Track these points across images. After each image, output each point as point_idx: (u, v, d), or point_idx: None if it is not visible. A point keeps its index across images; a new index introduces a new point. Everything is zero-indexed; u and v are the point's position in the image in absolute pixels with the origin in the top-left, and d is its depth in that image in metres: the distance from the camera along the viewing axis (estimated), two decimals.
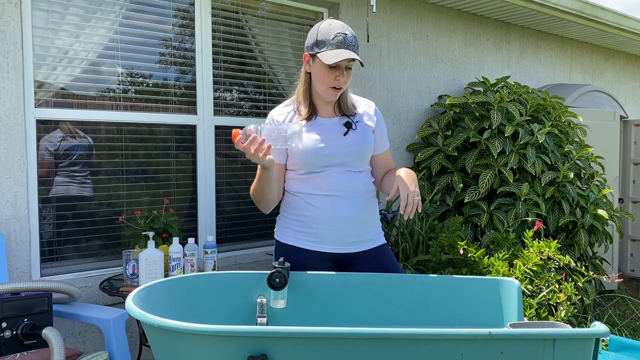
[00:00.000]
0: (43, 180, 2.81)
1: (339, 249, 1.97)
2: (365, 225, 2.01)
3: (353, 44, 1.91)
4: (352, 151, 1.96)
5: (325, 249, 1.96)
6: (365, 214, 2.00)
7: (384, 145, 2.10)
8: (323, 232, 1.94)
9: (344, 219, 1.94)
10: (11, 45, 2.61)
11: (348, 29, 1.92)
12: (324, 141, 1.95)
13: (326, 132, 1.97)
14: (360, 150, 1.98)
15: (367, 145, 2.01)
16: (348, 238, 1.96)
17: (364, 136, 2.00)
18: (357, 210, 1.97)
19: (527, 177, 3.88)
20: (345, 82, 1.94)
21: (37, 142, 2.77)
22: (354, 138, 1.98)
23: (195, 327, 1.25)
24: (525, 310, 2.78)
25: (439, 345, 1.29)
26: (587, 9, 4.73)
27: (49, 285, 2.18)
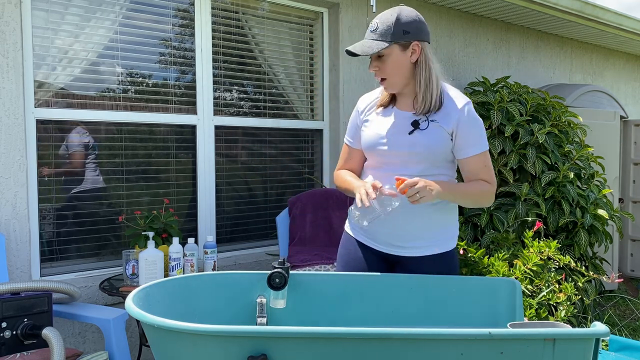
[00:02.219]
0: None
1: (388, 249, 1.95)
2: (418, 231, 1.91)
3: (374, 30, 1.82)
4: (413, 152, 1.85)
5: (377, 247, 1.97)
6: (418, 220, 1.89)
7: (468, 151, 1.86)
8: (373, 232, 1.95)
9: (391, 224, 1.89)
10: (11, 45, 2.61)
11: (381, 16, 1.84)
12: (385, 136, 1.89)
13: (393, 126, 1.89)
14: (422, 153, 1.84)
15: (432, 149, 1.84)
16: (395, 242, 1.94)
17: (432, 139, 1.84)
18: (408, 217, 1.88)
19: (527, 177, 3.88)
20: (381, 70, 1.85)
21: (37, 142, 2.77)
22: (418, 139, 1.85)
23: (195, 327, 1.25)
24: (525, 310, 2.78)
25: (439, 345, 1.29)
26: (587, 9, 4.73)
27: (49, 285, 2.18)
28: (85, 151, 2.95)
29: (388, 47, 1.79)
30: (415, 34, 1.81)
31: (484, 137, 1.89)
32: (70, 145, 2.92)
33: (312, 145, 3.89)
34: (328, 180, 3.89)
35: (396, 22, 1.79)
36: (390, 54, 1.82)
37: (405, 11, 1.83)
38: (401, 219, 1.89)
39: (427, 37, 1.86)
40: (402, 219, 1.89)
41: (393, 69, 1.83)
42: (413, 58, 1.83)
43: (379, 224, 1.89)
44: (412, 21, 1.81)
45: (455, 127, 1.84)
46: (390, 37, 1.79)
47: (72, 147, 2.92)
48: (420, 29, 1.83)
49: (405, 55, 1.82)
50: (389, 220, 1.85)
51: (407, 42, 1.80)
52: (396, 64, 1.83)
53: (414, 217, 1.89)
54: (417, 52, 1.83)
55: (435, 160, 1.87)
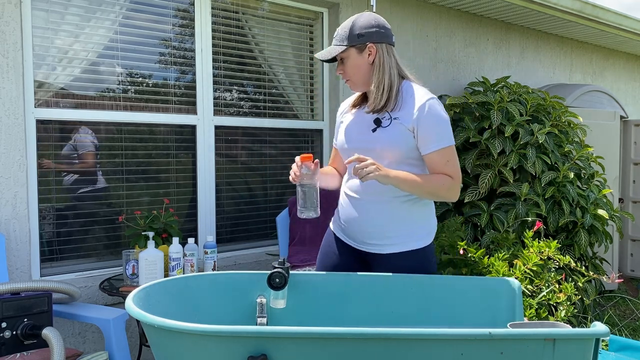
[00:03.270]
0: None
1: (358, 246, 2.03)
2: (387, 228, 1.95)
3: (335, 37, 1.95)
4: (374, 149, 1.91)
5: (350, 243, 2.06)
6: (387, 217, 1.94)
7: (429, 147, 1.89)
8: (344, 227, 2.06)
9: (352, 219, 2.00)
10: (11, 45, 2.61)
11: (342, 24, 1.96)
12: (352, 134, 2.00)
13: (359, 125, 1.99)
14: (383, 149, 1.90)
15: (391, 144, 1.89)
16: (365, 239, 2.00)
17: (392, 136, 1.90)
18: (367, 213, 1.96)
19: (527, 177, 3.88)
20: (345, 72, 1.96)
21: (37, 142, 2.77)
22: (380, 136, 1.91)
23: (195, 327, 1.25)
24: (525, 310, 2.78)
25: (439, 345, 1.29)
26: (587, 9, 4.73)
27: (49, 285, 2.18)
28: (90, 151, 2.95)
29: (345, 51, 1.92)
30: (369, 37, 1.91)
31: (446, 133, 1.91)
32: (78, 145, 2.92)
33: (312, 145, 3.89)
34: None
35: (352, 27, 1.92)
36: (348, 56, 1.93)
37: (363, 17, 1.95)
38: (370, 216, 1.96)
39: (386, 39, 1.95)
40: (371, 216, 1.96)
41: (352, 70, 1.95)
42: (370, 59, 1.93)
43: (351, 221, 2.00)
44: (368, 25, 1.92)
45: (415, 124, 1.88)
46: (346, 41, 1.92)
47: (80, 147, 2.92)
48: (376, 32, 1.93)
49: (363, 57, 1.93)
50: (358, 217, 1.97)
51: (363, 44, 1.91)
52: (354, 65, 1.94)
53: (382, 213, 1.95)
54: (373, 54, 1.93)
55: (400, 157, 1.91)
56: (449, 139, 1.91)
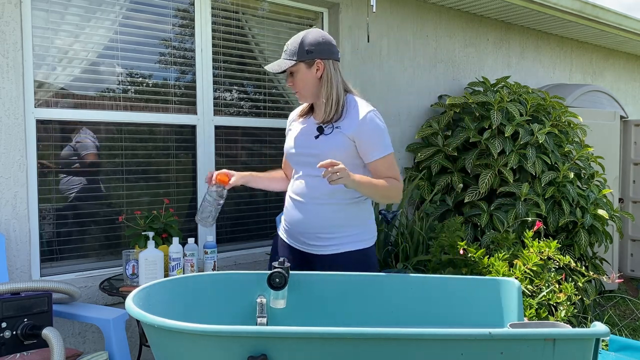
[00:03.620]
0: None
1: (300, 246, 2.16)
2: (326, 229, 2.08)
3: (285, 51, 2.08)
4: (316, 154, 2.04)
5: (294, 245, 2.18)
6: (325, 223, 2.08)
7: (371, 155, 2.05)
8: (288, 229, 2.19)
9: (296, 222, 2.13)
10: (11, 45, 2.61)
11: (292, 38, 2.09)
12: (298, 141, 2.16)
13: (304, 132, 2.15)
14: (323, 154, 2.01)
15: (331, 150, 2.02)
16: (306, 240, 2.13)
17: (333, 143, 2.05)
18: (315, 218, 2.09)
19: (527, 177, 3.88)
20: (294, 85, 2.10)
21: (37, 142, 2.77)
22: (321, 143, 2.07)
23: (195, 327, 1.25)
24: (525, 310, 2.78)
25: (439, 345, 1.29)
26: (587, 9, 4.73)
27: (49, 285, 2.18)
28: (90, 152, 2.95)
29: (295, 65, 2.05)
30: (318, 53, 2.05)
31: (386, 141, 2.07)
32: (78, 145, 2.92)
33: None
34: None
35: (301, 43, 2.05)
36: (297, 70, 2.07)
37: (311, 33, 2.07)
38: (312, 218, 2.09)
39: (332, 55, 2.08)
40: (313, 218, 2.09)
41: (301, 83, 2.08)
42: (318, 74, 2.07)
43: (295, 224, 2.13)
44: (316, 42, 2.05)
45: (355, 134, 2.03)
46: (296, 56, 2.05)
47: (80, 147, 2.92)
48: (323, 48, 2.06)
49: (311, 72, 2.06)
50: (302, 219, 2.10)
51: (311, 60, 2.05)
52: (303, 79, 2.07)
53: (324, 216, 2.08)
54: (321, 69, 2.06)
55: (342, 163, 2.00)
56: (388, 146, 2.08)
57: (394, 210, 3.64)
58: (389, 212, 3.50)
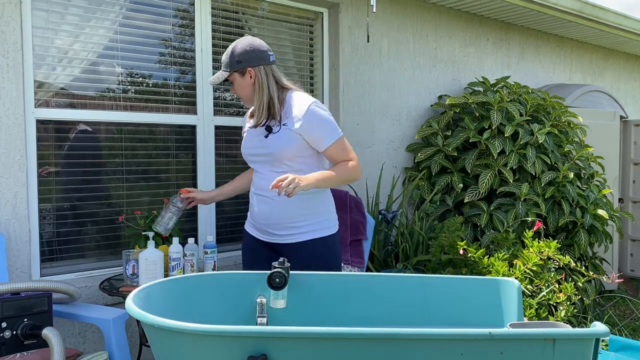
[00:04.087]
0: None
1: (267, 238, 2.31)
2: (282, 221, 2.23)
3: (222, 62, 2.25)
4: (269, 152, 2.21)
5: (260, 237, 2.34)
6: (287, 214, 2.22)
7: (322, 145, 2.20)
8: (255, 223, 2.34)
9: (262, 215, 2.28)
10: (11, 45, 2.61)
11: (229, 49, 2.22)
12: (250, 142, 2.31)
13: (255, 134, 2.29)
14: (275, 152, 2.18)
15: (282, 147, 2.17)
16: (272, 231, 2.27)
17: (282, 139, 2.18)
18: (278, 210, 2.23)
19: (527, 177, 3.88)
20: (236, 91, 2.26)
21: (37, 142, 2.77)
22: (271, 141, 2.21)
23: (195, 327, 1.25)
24: (525, 310, 2.78)
25: (439, 345, 1.29)
26: (587, 9, 4.73)
27: (49, 285, 2.18)
28: (90, 152, 2.95)
29: (230, 75, 2.22)
30: (247, 62, 2.19)
31: (332, 128, 2.21)
32: (79, 145, 2.92)
33: None
34: None
35: (231, 54, 2.20)
36: (234, 80, 2.24)
37: (240, 43, 2.21)
38: (276, 210, 2.23)
39: (262, 61, 2.21)
40: (277, 210, 2.23)
41: (240, 91, 2.25)
42: (251, 81, 2.21)
43: (261, 217, 2.28)
44: (244, 52, 2.19)
45: (301, 128, 2.17)
46: (229, 67, 2.21)
47: (80, 147, 2.92)
48: (252, 56, 2.19)
49: (245, 79, 2.22)
50: (267, 212, 2.25)
51: (243, 69, 2.19)
52: (240, 87, 2.24)
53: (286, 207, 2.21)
54: (253, 77, 2.21)
55: (292, 155, 2.19)
56: (336, 132, 2.21)
57: (394, 210, 3.64)
58: (389, 212, 3.50)
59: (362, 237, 3.17)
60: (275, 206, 2.23)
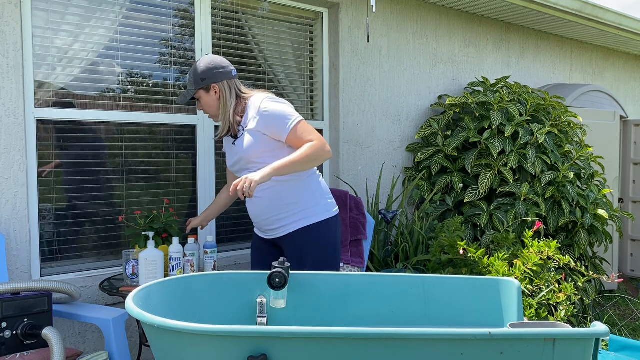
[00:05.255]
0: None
1: (267, 235, 2.43)
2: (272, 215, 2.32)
3: (188, 82, 2.35)
4: (240, 157, 2.30)
5: (263, 235, 2.46)
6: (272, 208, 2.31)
7: (282, 134, 2.23)
8: (256, 224, 2.45)
9: (254, 215, 2.39)
10: (11, 45, 2.61)
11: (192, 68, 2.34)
12: (227, 153, 2.43)
13: (227, 145, 2.43)
14: (243, 154, 2.27)
15: (247, 148, 2.26)
16: (267, 227, 2.37)
17: (245, 142, 2.27)
18: (262, 207, 2.32)
19: (527, 177, 3.88)
20: (203, 110, 2.38)
21: (37, 142, 2.77)
22: (238, 146, 2.31)
23: (195, 327, 1.25)
24: (525, 310, 2.78)
25: (439, 345, 1.29)
26: (587, 9, 4.73)
27: (49, 285, 2.18)
28: (90, 152, 2.95)
29: (197, 92, 2.32)
30: (210, 79, 2.29)
31: (286, 116, 2.23)
32: (78, 145, 2.91)
33: None
34: (329, 179, 3.89)
35: (194, 72, 2.30)
36: (200, 97, 2.34)
37: (202, 62, 2.31)
38: (262, 208, 2.33)
39: (224, 76, 2.31)
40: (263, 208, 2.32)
41: (206, 107, 2.36)
42: (217, 96, 2.32)
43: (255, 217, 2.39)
44: (207, 69, 2.29)
45: (259, 126, 2.24)
46: (193, 85, 2.31)
47: (80, 147, 2.92)
48: (214, 73, 2.29)
49: (210, 95, 2.33)
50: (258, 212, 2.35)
51: (207, 85, 2.30)
52: (206, 103, 2.35)
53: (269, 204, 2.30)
54: (218, 92, 2.32)
55: (261, 152, 2.25)
56: (291, 118, 2.23)
57: (394, 210, 3.64)
58: (389, 212, 3.50)
59: (362, 237, 3.17)
60: (259, 203, 2.33)
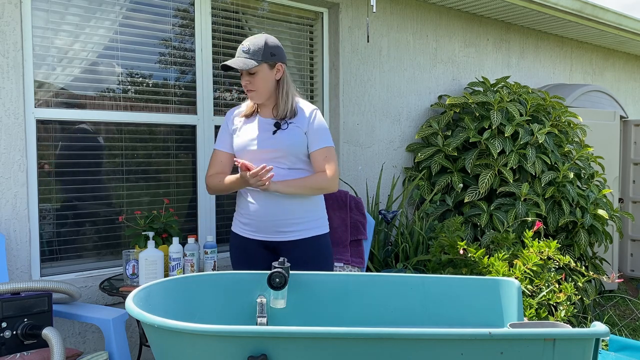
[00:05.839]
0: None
1: (269, 237, 2.31)
2: (292, 218, 2.29)
3: (246, 51, 2.24)
4: (279, 148, 2.26)
5: (259, 237, 2.33)
6: (290, 208, 2.28)
7: (315, 145, 2.30)
8: (256, 223, 2.32)
9: (269, 213, 2.28)
10: (11, 45, 2.61)
11: (251, 40, 2.26)
12: (255, 138, 2.31)
13: (259, 130, 2.32)
14: (285, 149, 2.26)
15: (292, 144, 2.26)
16: (275, 228, 2.30)
17: (291, 136, 2.27)
18: (281, 205, 2.27)
19: (527, 177, 3.88)
20: (252, 84, 2.27)
21: (37, 142, 2.77)
22: (280, 137, 2.27)
23: (195, 327, 1.25)
24: (525, 310, 2.78)
25: (439, 345, 1.29)
26: (587, 9, 4.73)
27: (49, 285, 2.18)
28: (90, 151, 2.95)
29: (259, 65, 2.24)
30: (279, 57, 2.28)
31: (328, 136, 2.34)
32: (78, 145, 2.91)
33: None
34: None
35: (265, 45, 2.24)
36: (260, 71, 2.25)
37: (270, 38, 2.29)
38: (281, 207, 2.27)
39: (286, 60, 2.34)
40: (282, 206, 2.27)
41: (261, 83, 2.27)
42: (277, 76, 2.29)
43: (263, 215, 2.29)
44: (277, 46, 2.28)
45: (308, 127, 2.29)
46: (261, 57, 2.23)
47: (80, 147, 2.92)
48: (283, 53, 2.31)
49: (272, 73, 2.28)
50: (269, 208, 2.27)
51: (274, 62, 2.27)
52: (264, 79, 2.27)
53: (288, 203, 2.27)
54: (281, 72, 2.30)
55: (298, 155, 2.28)
56: (329, 141, 2.33)
57: (394, 210, 3.64)
58: (389, 212, 3.50)
59: (362, 237, 3.17)
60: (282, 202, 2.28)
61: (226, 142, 2.42)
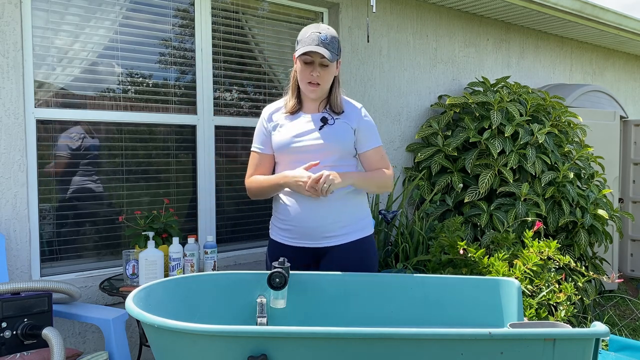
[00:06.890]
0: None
1: (314, 244, 2.12)
2: (336, 221, 2.11)
3: (326, 42, 2.08)
4: (325, 144, 2.11)
5: (302, 244, 2.13)
6: (335, 210, 2.11)
7: (367, 145, 2.20)
8: (294, 229, 2.13)
9: (312, 217, 2.10)
10: (11, 45, 2.61)
11: (326, 30, 2.10)
12: (300, 134, 2.15)
13: (304, 125, 2.16)
14: (332, 144, 2.11)
15: (340, 140, 2.13)
16: (322, 234, 2.11)
17: (339, 132, 2.14)
18: (326, 207, 2.09)
19: (527, 177, 3.88)
20: (321, 77, 2.11)
21: (37, 142, 2.77)
22: (328, 133, 2.13)
23: (195, 327, 1.25)
24: (525, 310, 2.78)
25: (439, 345, 1.29)
26: (587, 9, 4.73)
27: (49, 285, 2.18)
28: (90, 151, 2.95)
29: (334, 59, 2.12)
30: (340, 53, 2.19)
31: (378, 135, 2.25)
32: (78, 145, 2.92)
33: None
34: None
35: (337, 39, 2.15)
36: (332, 65, 2.13)
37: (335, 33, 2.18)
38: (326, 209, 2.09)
39: None
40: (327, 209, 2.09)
41: (328, 77, 2.15)
42: (337, 72, 2.21)
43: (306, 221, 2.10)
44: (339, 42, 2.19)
45: (357, 124, 2.18)
46: (337, 51, 2.14)
47: (80, 147, 2.92)
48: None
49: (335, 68, 2.18)
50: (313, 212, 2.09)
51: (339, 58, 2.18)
52: (331, 74, 2.16)
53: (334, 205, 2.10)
54: (339, 67, 2.22)
55: (344, 152, 2.14)
56: (379, 139, 2.25)
57: (394, 210, 3.64)
58: (389, 212, 3.49)
59: None
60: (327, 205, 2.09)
61: (264, 143, 2.23)
